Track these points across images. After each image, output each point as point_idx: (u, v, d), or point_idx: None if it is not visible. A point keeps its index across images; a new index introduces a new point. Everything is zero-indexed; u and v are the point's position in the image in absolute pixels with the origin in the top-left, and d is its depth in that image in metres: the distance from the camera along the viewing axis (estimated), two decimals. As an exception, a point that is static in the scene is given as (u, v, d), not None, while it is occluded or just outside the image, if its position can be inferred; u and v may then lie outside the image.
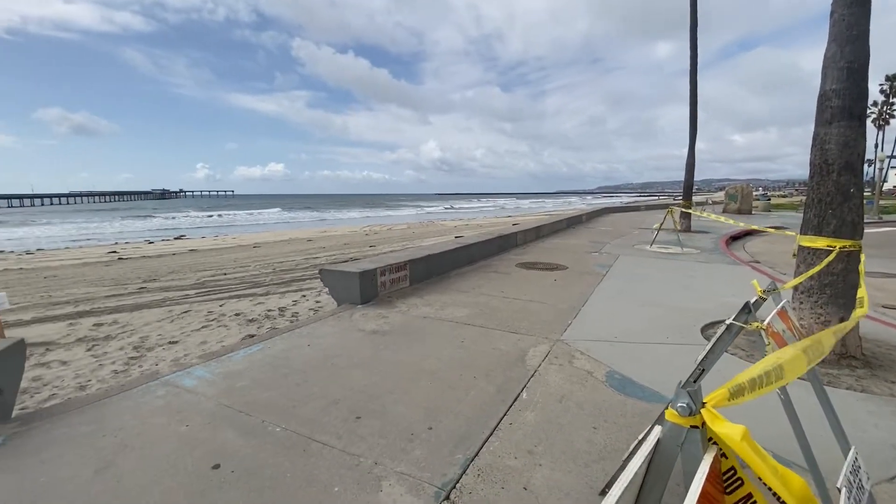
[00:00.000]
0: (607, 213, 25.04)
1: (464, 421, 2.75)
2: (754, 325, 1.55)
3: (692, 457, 1.08)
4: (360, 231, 27.50)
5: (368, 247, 17.28)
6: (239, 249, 17.89)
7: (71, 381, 4.43)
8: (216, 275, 11.12)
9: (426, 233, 23.86)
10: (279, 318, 6.61)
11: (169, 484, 2.15)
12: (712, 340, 1.46)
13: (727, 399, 1.07)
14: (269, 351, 3.94)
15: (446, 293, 6.06)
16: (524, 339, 4.24)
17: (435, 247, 8.12)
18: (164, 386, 3.20)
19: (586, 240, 12.42)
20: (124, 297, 8.61)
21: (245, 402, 2.96)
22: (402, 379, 3.35)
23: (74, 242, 26.13)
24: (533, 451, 2.45)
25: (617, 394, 3.12)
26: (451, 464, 2.33)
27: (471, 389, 3.17)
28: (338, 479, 2.19)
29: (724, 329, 1.51)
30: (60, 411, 2.87)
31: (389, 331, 4.49)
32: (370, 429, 2.65)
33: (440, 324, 4.72)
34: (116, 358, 5.07)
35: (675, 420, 1.11)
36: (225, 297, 8.33)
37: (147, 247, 21.15)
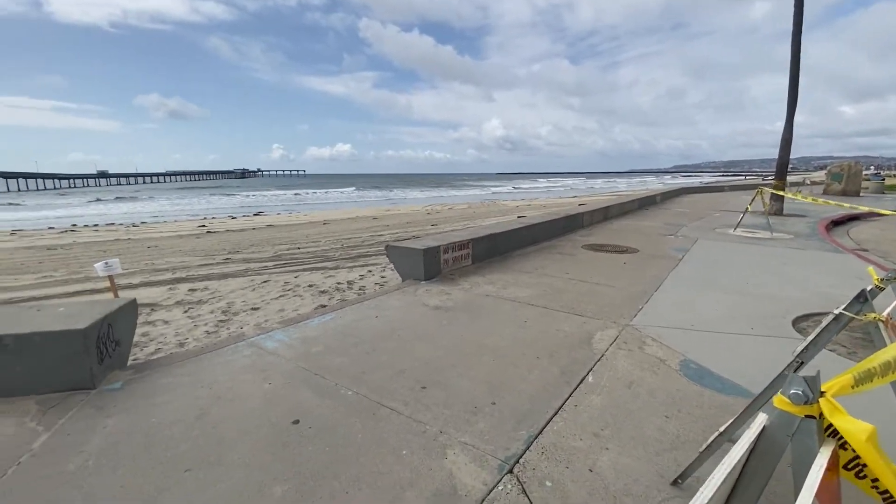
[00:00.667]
0: (684, 193, 23.28)
1: (527, 399, 2.75)
2: (870, 317, 1.37)
3: (806, 449, 0.98)
4: (422, 210, 27.93)
5: (430, 225, 17.52)
6: (310, 226, 18.94)
7: (172, 338, 5.00)
8: (291, 249, 11.89)
9: (487, 212, 23.70)
10: (347, 290, 6.95)
11: (256, 434, 2.38)
12: (816, 330, 1.31)
13: (851, 386, 0.96)
14: (340, 320, 4.16)
15: (508, 273, 6.01)
16: (590, 322, 4.11)
17: (497, 226, 8.04)
18: (250, 347, 3.51)
19: (660, 222, 11.66)
20: (213, 267, 9.49)
21: (320, 366, 3.17)
22: (464, 354, 3.40)
23: (171, 216, 29.13)
24: (599, 434, 2.40)
25: (692, 384, 2.94)
26: (515, 439, 2.35)
27: (533, 369, 3.15)
28: (405, 444, 2.30)
29: (832, 319, 1.35)
30: (165, 363, 3.26)
31: (452, 307, 4.56)
32: (435, 399, 2.74)
33: (502, 302, 4.71)
34: (208, 320, 5.63)
35: (786, 408, 1.01)
36: (299, 269, 8.90)
37: (231, 222, 23.05)
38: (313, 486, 2.00)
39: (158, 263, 10.16)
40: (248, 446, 2.27)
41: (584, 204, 15.50)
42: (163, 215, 30.31)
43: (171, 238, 15.67)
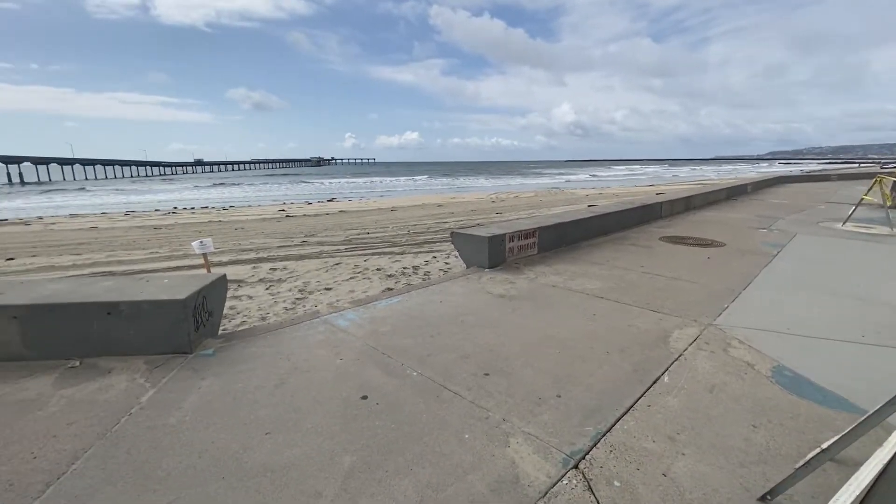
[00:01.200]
0: (781, 182, 20.91)
1: (594, 394, 2.64)
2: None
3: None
4: (487, 198, 27.73)
5: (495, 213, 17.37)
6: (378, 212, 19.59)
7: (255, 312, 5.44)
8: (361, 233, 12.39)
9: (554, 201, 22.98)
10: (413, 275, 7.11)
11: (328, 405, 2.52)
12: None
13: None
14: (406, 303, 4.27)
15: (577, 263, 5.79)
16: (667, 319, 3.84)
17: (565, 215, 7.76)
18: (324, 324, 3.72)
19: (751, 214, 10.58)
20: (291, 248, 10.16)
21: (387, 346, 3.28)
22: (529, 344, 3.34)
23: (255, 201, 31.60)
24: (675, 438, 2.24)
25: (786, 393, 2.65)
26: (581, 434, 2.27)
27: (603, 364, 3.02)
28: (468, 428, 2.31)
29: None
30: (250, 335, 3.55)
31: (517, 296, 4.48)
32: (498, 386, 2.72)
33: (569, 294, 4.55)
34: (286, 297, 6.05)
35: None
36: (368, 253, 9.25)
37: (307, 207, 24.49)
38: (379, 459, 2.08)
39: (244, 244, 11.08)
40: (320, 416, 2.41)
41: (663, 193, 14.48)
42: (248, 200, 32.96)
43: (255, 221, 17.01)
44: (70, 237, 13.85)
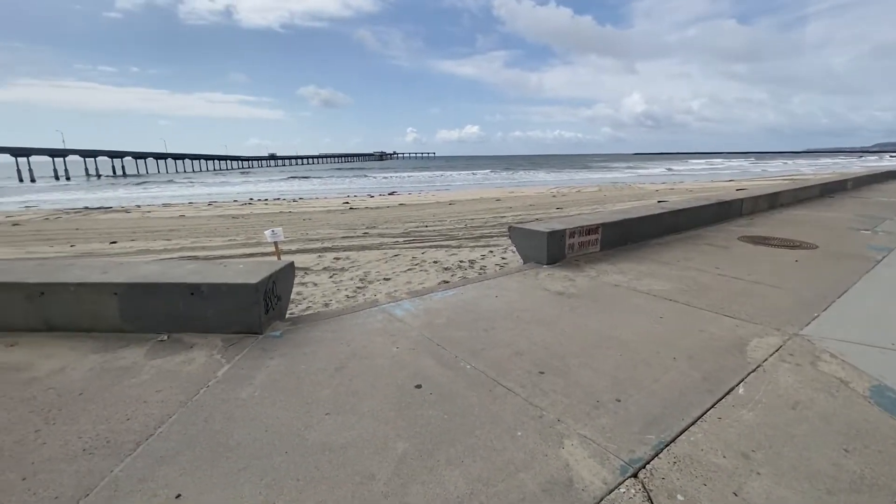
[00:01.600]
0: (892, 178, 18.38)
1: (658, 402, 2.48)
2: None
3: None
4: (547, 192, 27.05)
5: (555, 209, 16.90)
6: (437, 206, 19.80)
7: (319, 298, 5.72)
8: (419, 226, 12.60)
9: (620, 196, 21.92)
10: (469, 269, 7.11)
11: (384, 392, 2.59)
12: None
13: None
14: (461, 296, 4.28)
15: (643, 263, 5.48)
16: (744, 326, 3.53)
17: (632, 211, 7.36)
18: (382, 312, 3.83)
19: (851, 213, 9.42)
20: (353, 239, 10.57)
21: (441, 337, 3.31)
22: (587, 344, 3.21)
23: (322, 194, 33.20)
24: (749, 455, 2.06)
25: (889, 416, 2.33)
26: (642, 442, 2.15)
27: (669, 370, 2.83)
28: (521, 425, 2.27)
29: None
30: (313, 319, 3.73)
31: (576, 294, 4.33)
32: (553, 386, 2.65)
33: (633, 294, 4.32)
34: (348, 285, 6.31)
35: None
36: (425, 246, 9.39)
37: (369, 200, 25.33)
38: (431, 448, 2.11)
39: (311, 234, 11.69)
40: (376, 401, 2.49)
41: (744, 189, 13.30)
42: (315, 193, 34.71)
43: (321, 213, 17.88)
44: (162, 224, 15.40)
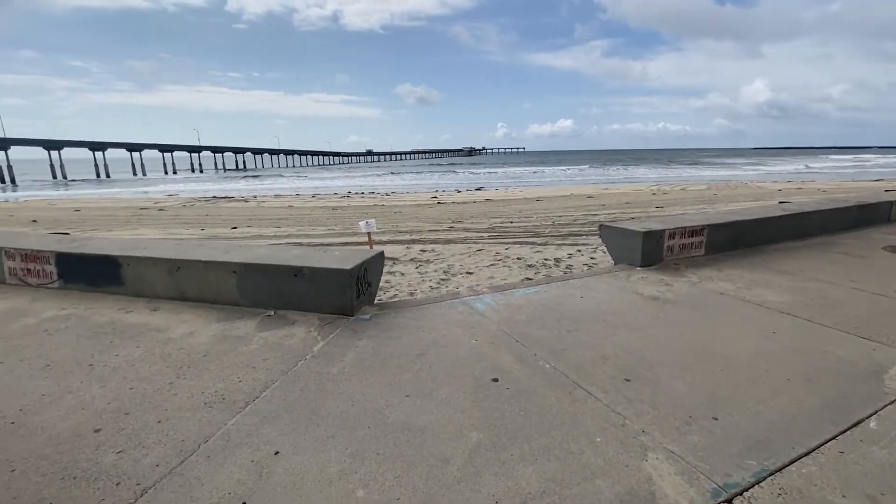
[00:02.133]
0: None
1: (763, 425, 2.22)
2: None
3: None
4: (647, 190, 25.15)
5: (654, 207, 15.68)
6: (524, 202, 19.48)
7: (405, 287, 5.98)
8: (504, 222, 12.52)
9: (732, 195, 19.64)
10: (554, 267, 6.91)
11: (461, 381, 2.65)
12: None
13: None
14: (544, 295, 4.19)
15: (757, 270, 4.87)
16: (884, 349, 2.99)
17: (745, 212, 6.57)
18: (463, 305, 3.90)
19: None
20: (439, 233, 10.85)
21: (521, 334, 3.28)
22: (682, 354, 2.96)
23: (412, 189, 34.49)
24: (876, 498, 1.75)
25: None
26: (740, 467, 1.94)
27: (780, 392, 2.51)
28: (600, 431, 2.18)
29: None
30: (399, 307, 3.92)
31: (673, 300, 4.00)
32: (639, 395, 2.49)
33: (742, 305, 3.87)
34: (432, 277, 6.51)
35: None
36: (510, 242, 9.31)
37: (456, 195, 25.73)
38: (506, 441, 2.11)
39: (400, 226, 12.23)
40: (453, 389, 2.56)
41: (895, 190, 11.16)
42: (406, 188, 36.15)
43: (410, 206, 18.59)
44: (273, 213, 17.18)
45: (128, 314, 3.72)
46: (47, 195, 33.92)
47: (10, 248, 4.47)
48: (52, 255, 4.32)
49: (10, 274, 4.50)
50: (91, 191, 39.29)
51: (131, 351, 3.07)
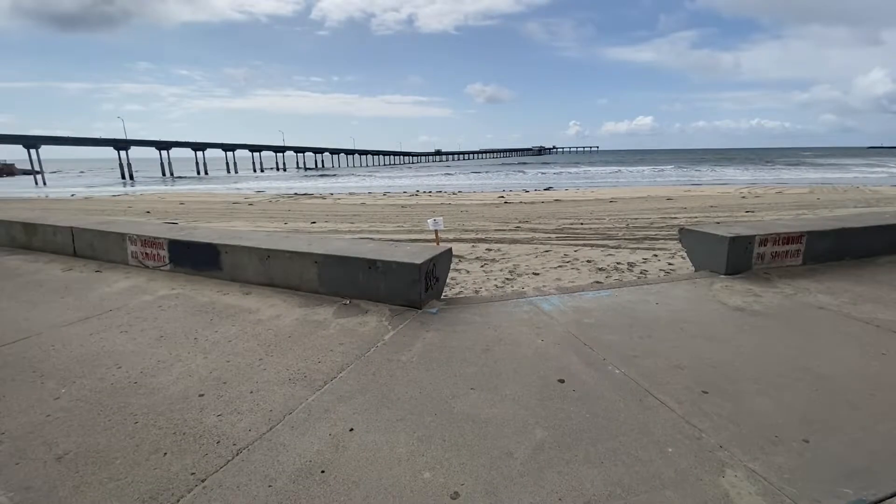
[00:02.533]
0: None
1: (864, 453, 1.99)
2: None
3: None
4: (735, 193, 23.06)
5: (743, 211, 14.37)
6: (596, 203, 18.74)
7: (470, 284, 6.06)
8: (574, 223, 12.17)
9: (840, 200, 17.40)
10: (627, 271, 6.62)
11: (526, 379, 2.66)
12: None
13: None
14: (615, 299, 4.05)
15: (865, 284, 4.33)
16: None
17: (854, 218, 5.84)
18: (529, 304, 3.89)
19: None
20: (505, 232, 10.80)
21: (589, 337, 3.21)
22: (769, 370, 2.73)
23: (479, 188, 34.57)
24: None
25: None
26: (834, 495, 1.77)
27: (885, 418, 2.23)
28: (672, 442, 2.09)
29: None
30: (465, 302, 4.00)
31: (761, 312, 3.69)
32: (718, 409, 2.34)
33: (845, 321, 3.47)
34: (497, 276, 6.52)
35: None
36: (579, 244, 9.04)
37: (524, 195, 25.37)
38: (570, 441, 2.10)
39: (467, 225, 12.35)
40: (518, 387, 2.58)
41: None
42: (473, 187, 36.30)
43: (477, 206, 18.66)
44: (347, 210, 18.11)
45: (224, 296, 4.17)
46: (157, 190, 38.53)
47: (133, 235, 5.19)
48: (166, 241, 4.95)
49: (132, 257, 5.22)
50: (192, 186, 43.99)
51: (228, 328, 3.45)
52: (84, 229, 5.73)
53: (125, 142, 65.37)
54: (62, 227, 5.93)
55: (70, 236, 5.79)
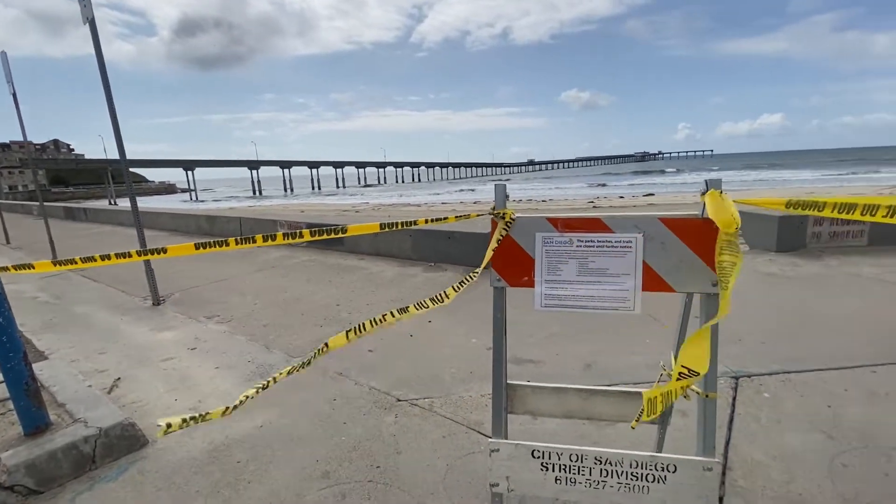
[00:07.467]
0: None
1: (805, 350, 2.60)
2: None
3: None
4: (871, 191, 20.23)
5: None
6: (695, 206, 18.01)
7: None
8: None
9: None
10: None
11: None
12: None
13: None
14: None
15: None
16: None
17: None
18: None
19: None
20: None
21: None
22: (763, 308, 3.30)
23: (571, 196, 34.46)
24: (877, 394, 2.13)
25: None
26: (759, 367, 2.46)
27: (849, 337, 2.76)
28: (651, 336, 2.89)
29: None
30: (524, 267, 4.99)
31: (793, 277, 4.10)
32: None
33: (874, 283, 3.78)
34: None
35: None
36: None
37: (617, 200, 24.99)
38: (574, 333, 3.01)
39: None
40: (549, 310, 3.53)
41: None
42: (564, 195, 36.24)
43: (563, 209, 19.10)
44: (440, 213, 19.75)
45: (346, 260, 5.68)
46: (281, 202, 44.73)
47: (282, 220, 7.05)
48: (304, 224, 6.69)
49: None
50: (309, 200, 50.12)
51: (350, 277, 4.88)
52: (248, 218, 7.82)
53: (256, 162, 76.41)
54: (233, 217, 8.12)
55: (238, 223, 7.93)
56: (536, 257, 1.29)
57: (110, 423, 2.02)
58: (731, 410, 2.11)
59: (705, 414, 1.20)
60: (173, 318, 3.87)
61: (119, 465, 1.94)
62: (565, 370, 2.60)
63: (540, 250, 1.28)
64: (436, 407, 2.28)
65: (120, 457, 1.98)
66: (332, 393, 2.46)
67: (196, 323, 3.72)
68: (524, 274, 1.30)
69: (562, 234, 1.26)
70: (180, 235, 8.91)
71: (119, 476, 1.87)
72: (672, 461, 1.21)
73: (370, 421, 2.19)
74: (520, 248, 1.30)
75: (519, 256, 1.30)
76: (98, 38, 3.79)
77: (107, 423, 2.00)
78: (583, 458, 1.27)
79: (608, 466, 1.26)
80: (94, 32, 3.77)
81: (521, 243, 1.30)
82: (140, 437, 2.08)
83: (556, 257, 1.27)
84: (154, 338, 3.45)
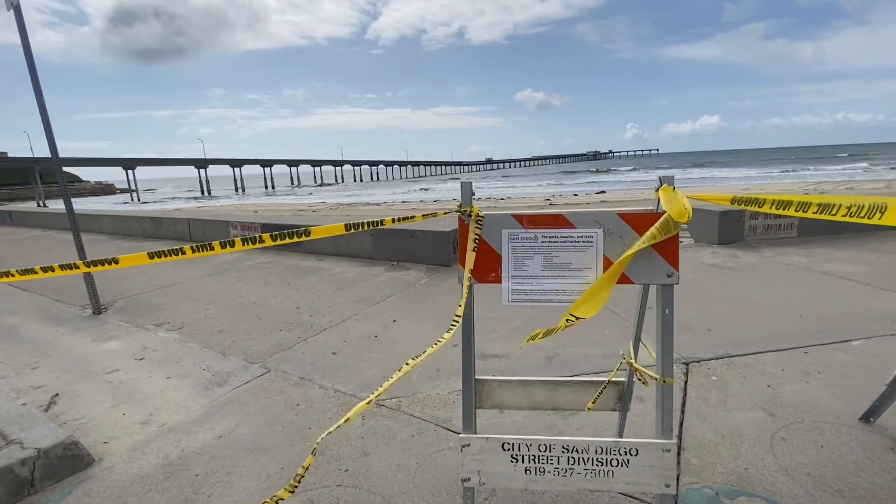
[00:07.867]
0: None
1: (746, 336, 2.81)
2: None
3: None
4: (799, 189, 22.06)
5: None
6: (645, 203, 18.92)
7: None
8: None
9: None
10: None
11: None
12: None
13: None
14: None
15: (848, 249, 4.85)
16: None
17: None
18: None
19: None
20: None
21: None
22: (706, 297, 3.53)
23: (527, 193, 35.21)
24: (811, 374, 2.33)
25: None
26: (707, 352, 2.63)
27: (783, 321, 3.01)
28: (609, 326, 3.01)
29: None
30: (486, 265, 5.06)
31: (733, 267, 4.41)
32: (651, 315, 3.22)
33: (805, 273, 4.12)
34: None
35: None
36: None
37: (572, 198, 25.81)
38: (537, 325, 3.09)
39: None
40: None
41: None
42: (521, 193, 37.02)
43: (521, 206, 19.50)
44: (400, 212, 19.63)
45: (305, 261, 5.53)
46: (233, 202, 42.82)
47: (235, 221, 6.75)
48: (259, 225, 6.44)
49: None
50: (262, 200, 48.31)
51: (310, 278, 4.75)
52: (197, 219, 7.43)
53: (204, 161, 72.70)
54: (181, 219, 7.69)
55: (187, 225, 7.52)
56: (503, 253, 1.31)
57: (50, 442, 1.86)
58: (683, 394, 2.24)
59: (663, 398, 1.27)
60: (117, 328, 3.61)
61: (62, 488, 1.79)
62: (529, 363, 2.66)
63: (506, 246, 1.30)
64: (403, 406, 2.27)
65: (63, 478, 1.83)
66: (295, 398, 2.39)
67: (143, 331, 3.49)
68: (491, 270, 1.32)
69: (527, 230, 1.28)
70: (123, 239, 8.34)
71: (62, 499, 1.73)
72: (634, 445, 1.27)
73: (336, 424, 2.15)
74: (487, 244, 1.31)
75: (486, 253, 1.32)
76: (24, 25, 3.47)
77: (46, 444, 1.85)
78: (551, 448, 1.31)
79: (575, 454, 1.30)
80: (19, 20, 3.45)
81: (487, 240, 1.31)
82: (85, 456, 1.93)
83: (521, 253, 1.30)
84: (96, 349, 3.21)
